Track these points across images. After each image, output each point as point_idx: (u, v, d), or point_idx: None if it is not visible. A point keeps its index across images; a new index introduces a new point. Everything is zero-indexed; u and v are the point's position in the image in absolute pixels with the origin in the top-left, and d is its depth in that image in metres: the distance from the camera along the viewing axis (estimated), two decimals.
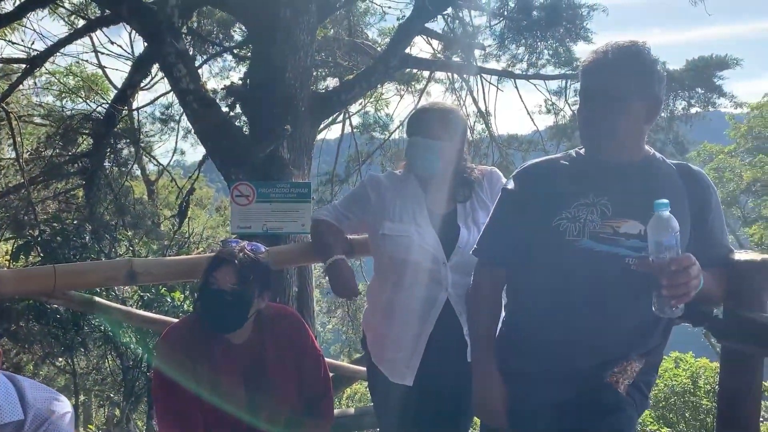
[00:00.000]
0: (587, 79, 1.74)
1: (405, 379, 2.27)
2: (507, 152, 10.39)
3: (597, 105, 1.70)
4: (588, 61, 1.74)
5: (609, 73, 1.68)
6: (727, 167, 17.15)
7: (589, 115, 1.73)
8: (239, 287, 2.11)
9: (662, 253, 1.49)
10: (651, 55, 1.70)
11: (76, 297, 2.72)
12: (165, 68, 5.42)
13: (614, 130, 1.69)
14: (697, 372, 10.88)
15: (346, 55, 9.60)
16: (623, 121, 1.68)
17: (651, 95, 1.69)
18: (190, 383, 2.17)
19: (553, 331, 1.71)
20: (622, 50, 1.69)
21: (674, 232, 1.49)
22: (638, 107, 1.68)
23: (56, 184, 9.52)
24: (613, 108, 1.67)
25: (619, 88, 1.66)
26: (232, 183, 4.54)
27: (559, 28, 8.42)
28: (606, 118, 1.69)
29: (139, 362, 7.42)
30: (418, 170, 2.33)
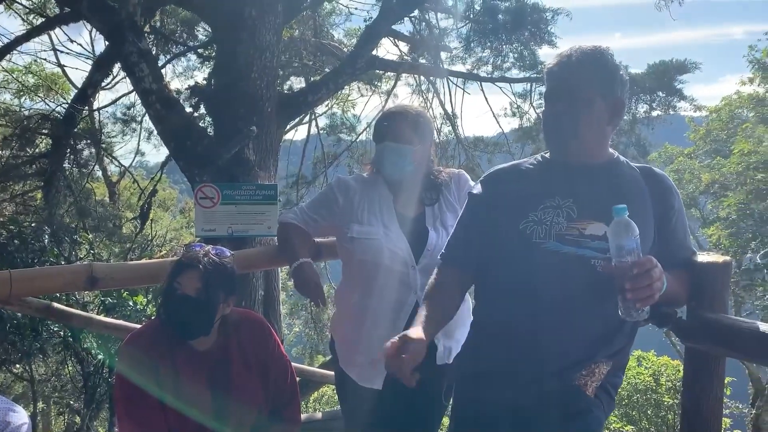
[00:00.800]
0: (552, 80, 1.77)
1: (374, 383, 2.26)
2: (473, 154, 10.47)
3: (561, 104, 1.73)
4: (552, 63, 1.77)
5: (573, 74, 1.71)
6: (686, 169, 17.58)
7: (554, 114, 1.76)
8: (204, 293, 2.06)
9: (624, 257, 1.51)
10: (614, 60, 1.74)
11: (34, 303, 2.63)
12: (127, 68, 5.31)
13: (577, 129, 1.72)
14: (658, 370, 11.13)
15: (312, 56, 9.56)
16: (586, 120, 1.71)
17: (613, 97, 1.73)
18: (153, 389, 2.12)
19: (519, 333, 1.72)
20: (586, 53, 1.73)
21: (634, 236, 1.51)
22: (601, 108, 1.71)
23: (13, 186, 9.27)
24: (576, 107, 1.70)
25: (582, 88, 1.70)
26: (197, 185, 4.47)
27: (523, 31, 8.54)
28: (570, 117, 1.71)
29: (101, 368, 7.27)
30: (389, 175, 2.32)
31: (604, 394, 1.73)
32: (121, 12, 5.05)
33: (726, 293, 1.87)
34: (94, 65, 8.45)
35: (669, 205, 1.77)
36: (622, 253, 1.51)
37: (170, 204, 18.82)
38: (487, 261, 1.84)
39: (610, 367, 1.72)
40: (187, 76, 10.99)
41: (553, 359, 1.69)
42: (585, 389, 1.68)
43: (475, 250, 1.86)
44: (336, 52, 9.26)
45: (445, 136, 10.94)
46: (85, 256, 7.90)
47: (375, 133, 2.39)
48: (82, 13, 5.65)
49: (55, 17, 8.17)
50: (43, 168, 8.53)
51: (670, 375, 10.80)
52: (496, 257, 1.80)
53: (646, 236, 1.69)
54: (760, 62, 15.74)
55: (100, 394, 7.46)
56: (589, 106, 1.70)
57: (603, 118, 1.73)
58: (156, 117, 5.30)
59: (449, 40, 9.24)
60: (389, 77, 11.13)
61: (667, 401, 10.47)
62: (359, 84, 11.28)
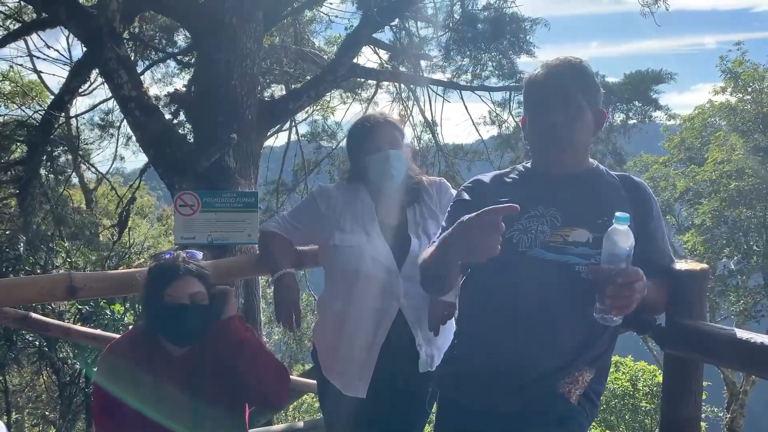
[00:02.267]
0: (543, 91, 1.77)
1: (358, 391, 2.26)
2: (453, 161, 10.53)
3: (557, 114, 1.73)
4: (540, 74, 1.77)
5: (565, 84, 1.73)
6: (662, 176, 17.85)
7: (551, 125, 1.75)
8: (200, 298, 2.09)
9: (613, 264, 1.53)
10: (592, 71, 1.79)
11: (11, 313, 2.59)
12: (105, 74, 5.26)
13: (573, 139, 1.74)
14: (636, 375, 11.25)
15: (292, 63, 9.56)
16: (580, 130, 1.74)
17: (598, 107, 1.77)
18: (132, 400, 2.10)
19: (502, 340, 1.73)
20: (573, 64, 1.76)
21: (629, 246, 1.53)
22: (589, 117, 1.75)
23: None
24: (572, 116, 1.72)
25: (575, 98, 1.72)
26: (176, 192, 4.43)
27: (502, 40, 8.61)
28: (567, 127, 1.73)
29: (77, 378, 7.15)
30: (387, 182, 2.31)
31: (587, 401, 1.75)
32: (99, 18, 5.01)
33: (704, 300, 1.90)
34: (71, 71, 8.36)
35: (648, 212, 1.80)
36: (613, 260, 1.52)
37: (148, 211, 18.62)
38: (470, 268, 1.85)
39: (593, 375, 1.74)
40: (167, 82, 10.92)
41: (536, 366, 1.70)
42: (569, 396, 1.70)
43: None
44: (317, 59, 9.27)
45: (425, 144, 10.99)
46: (61, 264, 7.79)
47: (363, 143, 2.35)
48: (60, 19, 5.60)
49: (32, 22, 8.07)
50: (18, 175, 8.40)
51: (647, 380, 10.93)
52: (484, 266, 1.82)
53: None
54: (731, 72, 16.05)
55: (76, 405, 7.34)
56: (583, 116, 1.73)
57: (590, 127, 1.77)
58: (135, 124, 5.26)
59: (429, 49, 9.31)
60: (370, 85, 11.15)
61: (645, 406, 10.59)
62: (341, 92, 11.30)
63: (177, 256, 2.12)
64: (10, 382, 8.87)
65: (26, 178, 8.17)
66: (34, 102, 10.35)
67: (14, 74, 10.66)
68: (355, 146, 2.39)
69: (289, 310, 2.29)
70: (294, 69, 9.61)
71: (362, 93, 11.59)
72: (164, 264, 2.10)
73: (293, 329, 2.32)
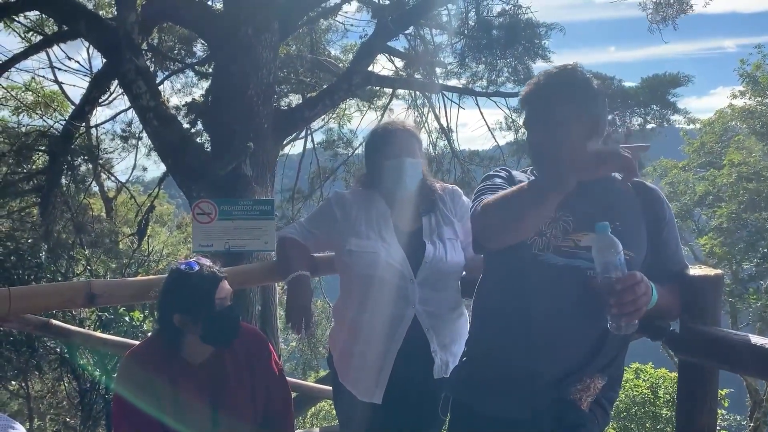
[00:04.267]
0: (526, 109, 1.80)
1: (373, 397, 2.26)
2: (469, 168, 10.52)
3: (537, 134, 1.75)
4: (525, 91, 1.79)
5: (544, 102, 1.72)
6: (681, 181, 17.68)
7: (534, 143, 1.78)
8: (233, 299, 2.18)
9: (608, 273, 1.54)
10: (583, 75, 1.74)
11: (32, 320, 2.64)
12: (124, 85, 5.36)
13: (557, 155, 1.70)
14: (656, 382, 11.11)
15: (308, 72, 9.62)
16: (564, 145, 1.70)
17: (589, 115, 1.72)
18: (152, 407, 2.13)
19: (514, 346, 1.74)
20: (553, 77, 1.73)
21: (617, 252, 1.53)
22: (578, 129, 1.70)
23: (10, 203, 9.27)
24: (551, 134, 1.71)
25: (555, 116, 1.70)
26: (194, 200, 4.49)
27: (517, 46, 8.60)
28: (547, 145, 1.72)
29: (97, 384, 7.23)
30: (401, 189, 2.34)
31: (599, 408, 1.75)
32: (118, 30, 5.10)
33: (718, 306, 1.89)
34: (91, 82, 8.50)
35: (660, 217, 1.79)
36: (606, 269, 1.54)
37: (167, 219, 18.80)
38: (484, 270, 1.87)
39: (605, 382, 1.74)
40: (186, 92, 11.04)
41: (546, 371, 1.71)
42: (580, 403, 1.70)
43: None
44: (332, 68, 9.33)
45: (440, 150, 11.00)
46: (82, 272, 7.90)
47: (380, 149, 2.38)
48: (80, 31, 5.70)
49: (53, 35, 8.22)
50: (40, 184, 8.55)
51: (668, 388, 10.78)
52: (493, 269, 1.83)
53: (640, 248, 1.71)
54: (751, 76, 15.88)
55: (96, 411, 7.41)
56: (566, 132, 1.70)
57: (582, 136, 1.71)
58: (153, 133, 5.34)
59: (444, 56, 9.33)
60: (385, 93, 11.19)
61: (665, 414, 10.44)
62: (357, 100, 11.35)
63: (207, 263, 2.17)
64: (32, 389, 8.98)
65: (48, 187, 8.31)
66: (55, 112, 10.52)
67: (36, 85, 10.85)
68: (373, 151, 2.42)
69: (300, 314, 2.30)
70: (310, 78, 9.67)
71: (377, 101, 11.63)
72: (205, 271, 2.14)
73: (302, 333, 2.34)
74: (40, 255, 7.12)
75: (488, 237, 1.75)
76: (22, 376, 7.56)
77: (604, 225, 1.55)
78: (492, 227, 1.72)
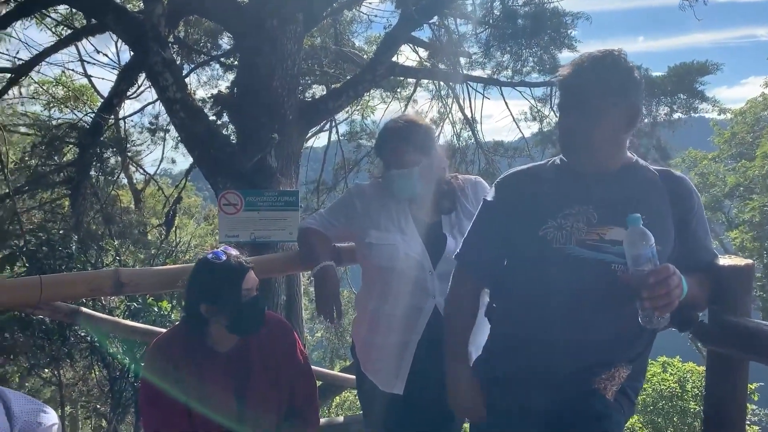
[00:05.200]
0: (563, 92, 1.75)
1: (394, 387, 2.28)
2: (493, 159, 10.45)
3: (574, 117, 1.71)
4: (563, 74, 1.74)
5: (583, 85, 1.68)
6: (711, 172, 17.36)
7: (567, 127, 1.75)
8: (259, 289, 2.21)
9: (640, 266, 1.51)
10: (626, 63, 1.69)
11: (63, 308, 2.70)
12: (151, 77, 5.41)
13: (591, 141, 1.70)
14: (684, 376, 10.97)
15: (332, 63, 9.63)
16: (599, 133, 1.69)
17: (628, 104, 1.69)
18: (178, 394, 2.16)
19: (539, 338, 1.72)
20: (596, 61, 1.69)
21: (650, 245, 1.51)
22: (615, 117, 1.68)
23: (42, 194, 9.45)
24: (588, 119, 1.68)
25: (593, 99, 1.67)
26: (220, 192, 4.53)
27: (543, 36, 8.50)
28: (582, 130, 1.70)
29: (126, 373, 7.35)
30: (399, 196, 2.33)
31: (624, 397, 1.73)
32: (145, 23, 5.15)
33: (748, 297, 1.86)
34: (119, 75, 8.61)
35: (688, 208, 1.75)
36: (638, 262, 1.51)
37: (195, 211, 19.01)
38: (504, 266, 1.85)
39: (630, 371, 1.72)
40: (211, 85, 11.12)
41: (570, 364, 1.69)
42: (605, 393, 1.68)
43: (491, 256, 1.88)
44: (356, 59, 9.32)
45: (464, 141, 10.93)
46: (111, 262, 8.02)
47: (377, 152, 2.40)
48: (108, 25, 5.78)
49: (82, 29, 8.34)
50: (70, 176, 8.70)
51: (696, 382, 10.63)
52: (514, 263, 1.81)
53: (667, 240, 1.68)
54: None
55: (125, 399, 7.54)
56: (602, 117, 1.67)
57: (618, 126, 1.70)
58: (180, 125, 5.39)
59: (468, 46, 9.25)
60: (409, 83, 11.15)
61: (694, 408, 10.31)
62: (380, 91, 11.32)
63: (234, 254, 2.19)
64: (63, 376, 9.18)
65: (77, 179, 8.46)
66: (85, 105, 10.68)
67: (66, 79, 11.03)
68: (378, 154, 2.42)
69: (330, 303, 2.32)
70: (334, 69, 9.68)
71: (401, 91, 11.59)
72: (232, 261, 2.16)
73: (334, 321, 2.35)
74: (71, 245, 7.23)
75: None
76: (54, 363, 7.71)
77: (636, 217, 1.53)
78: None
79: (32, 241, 7.45)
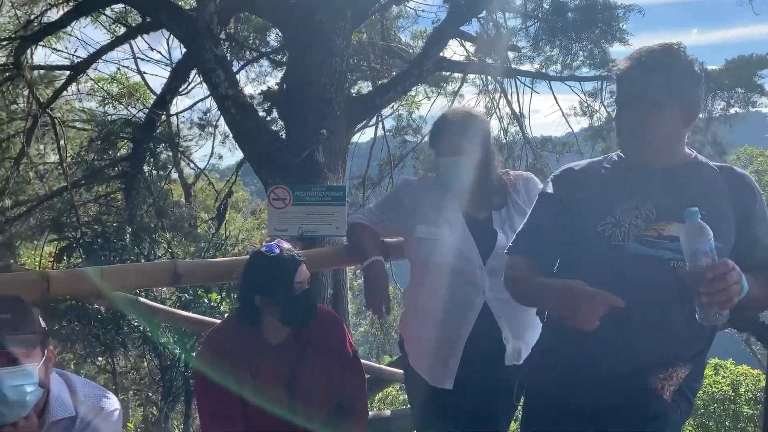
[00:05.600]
0: (622, 86, 1.72)
1: (444, 382, 2.27)
2: (541, 154, 10.31)
3: (633, 112, 1.68)
4: (622, 67, 1.71)
5: (644, 80, 1.66)
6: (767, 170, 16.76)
7: (626, 122, 1.72)
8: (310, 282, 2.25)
9: (698, 261, 1.48)
10: (687, 57, 1.66)
11: (121, 298, 2.80)
12: (204, 74, 5.54)
13: (651, 137, 1.68)
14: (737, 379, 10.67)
15: (379, 59, 9.65)
16: (660, 128, 1.66)
17: (688, 99, 1.66)
18: (231, 383, 2.21)
19: (597, 336, 1.70)
20: (656, 55, 1.66)
21: (708, 239, 1.48)
22: (675, 112, 1.65)
23: (97, 188, 9.76)
24: (649, 115, 1.65)
25: (654, 95, 1.64)
26: (269, 186, 4.61)
27: (594, 29, 8.34)
28: (643, 126, 1.67)
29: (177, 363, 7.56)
30: (449, 186, 2.33)
31: (682, 398, 1.70)
32: (198, 20, 5.27)
33: None
34: (172, 72, 8.84)
35: (750, 205, 1.71)
36: (696, 257, 1.48)
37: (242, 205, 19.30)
38: (560, 263, 1.83)
39: (688, 371, 1.69)
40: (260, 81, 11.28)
41: (629, 361, 1.67)
42: (662, 393, 1.66)
43: (547, 249, 1.85)
44: (403, 54, 9.32)
45: (512, 137, 10.82)
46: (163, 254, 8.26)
47: (431, 142, 2.41)
48: (162, 22, 5.93)
49: (136, 27, 8.57)
50: (124, 170, 8.97)
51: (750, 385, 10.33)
52: (571, 259, 1.79)
53: (726, 237, 1.65)
54: None
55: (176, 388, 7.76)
56: (662, 112, 1.65)
57: (678, 121, 1.67)
58: (231, 121, 5.50)
59: (517, 40, 9.15)
60: (455, 78, 11.08)
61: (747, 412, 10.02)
62: (425, 86, 11.29)
63: (287, 247, 2.23)
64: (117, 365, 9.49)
65: (131, 173, 8.72)
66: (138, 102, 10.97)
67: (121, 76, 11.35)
68: (430, 143, 2.43)
69: (379, 297, 2.33)
70: (380, 65, 9.70)
71: (447, 86, 11.53)
72: (285, 255, 2.20)
73: (383, 316, 2.37)
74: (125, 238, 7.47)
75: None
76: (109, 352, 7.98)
77: (694, 211, 1.50)
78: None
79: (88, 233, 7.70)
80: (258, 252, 2.25)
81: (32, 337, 1.74)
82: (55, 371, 1.88)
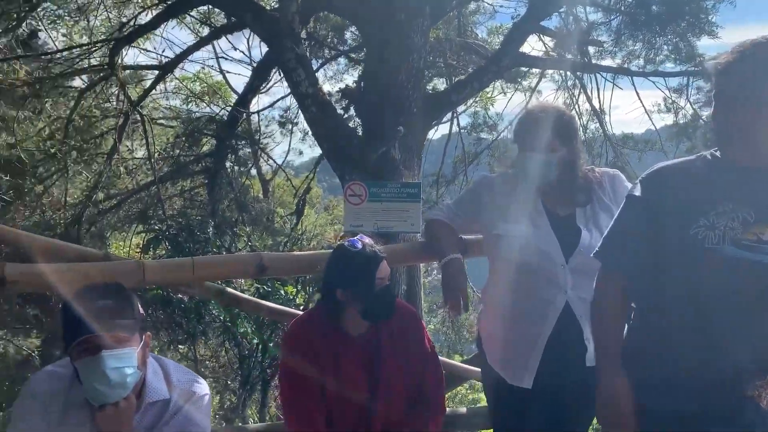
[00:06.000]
0: (726, 82, 1.65)
1: (523, 381, 2.26)
2: (622, 152, 9.98)
3: (738, 110, 1.62)
4: (726, 61, 1.64)
5: (748, 74, 1.59)
6: None
7: (729, 121, 1.65)
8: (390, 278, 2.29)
9: None
10: None
11: (210, 287, 2.92)
12: (285, 73, 5.69)
13: (752, 134, 1.61)
14: None
15: (455, 55, 9.60)
16: (763, 124, 1.59)
17: None
18: (313, 373, 2.26)
19: (691, 341, 1.65)
20: (761, 48, 1.59)
21: None
22: None
23: (182, 182, 10.17)
24: (752, 111, 1.59)
25: (758, 90, 1.57)
26: (346, 182, 4.68)
27: (680, 22, 7.99)
28: (744, 122, 1.60)
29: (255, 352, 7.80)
30: (533, 182, 2.30)
31: None
32: (280, 20, 5.42)
33: None
34: (254, 71, 9.10)
35: None
36: None
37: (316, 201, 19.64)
38: (648, 266, 1.79)
39: None
40: (337, 79, 11.46)
41: (726, 368, 1.61)
42: (759, 401, 1.59)
43: (636, 256, 1.81)
44: (479, 50, 9.24)
45: (591, 133, 10.53)
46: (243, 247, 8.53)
47: (515, 135, 2.36)
48: (246, 23, 6.12)
49: (220, 27, 8.88)
50: (207, 166, 9.32)
51: None
52: (664, 263, 1.74)
53: None
54: None
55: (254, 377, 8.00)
56: (766, 107, 1.58)
57: None
58: (311, 120, 5.63)
59: (598, 34, 8.89)
60: (532, 74, 10.89)
61: None
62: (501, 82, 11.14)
63: (369, 243, 2.28)
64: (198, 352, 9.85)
65: (214, 168, 9.05)
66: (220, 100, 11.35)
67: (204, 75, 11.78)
68: (516, 138, 2.38)
69: (457, 294, 2.33)
70: (456, 61, 9.65)
71: (524, 82, 11.33)
72: (367, 251, 2.24)
73: (461, 313, 2.38)
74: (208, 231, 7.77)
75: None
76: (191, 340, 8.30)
77: None
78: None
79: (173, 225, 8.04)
80: (341, 246, 2.29)
81: (132, 322, 1.86)
82: (150, 355, 2.00)
